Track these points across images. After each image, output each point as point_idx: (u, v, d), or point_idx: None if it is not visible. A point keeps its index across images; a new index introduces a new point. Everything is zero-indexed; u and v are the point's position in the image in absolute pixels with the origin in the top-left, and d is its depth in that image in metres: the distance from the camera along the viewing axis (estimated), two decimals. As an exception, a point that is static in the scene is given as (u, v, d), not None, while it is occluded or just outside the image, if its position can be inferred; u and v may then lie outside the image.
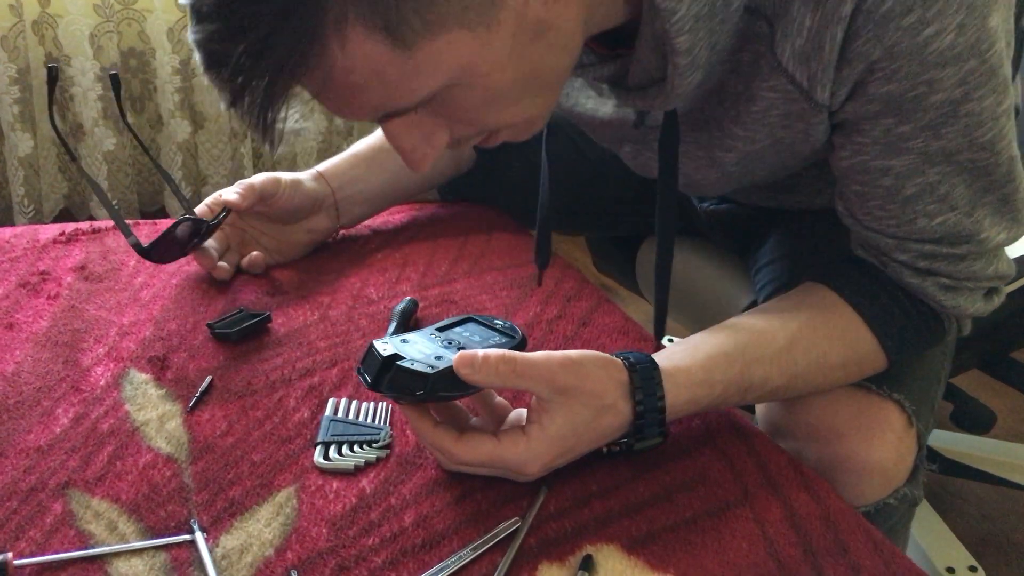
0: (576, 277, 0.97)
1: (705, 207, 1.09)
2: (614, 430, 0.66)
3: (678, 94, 0.64)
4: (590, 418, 0.64)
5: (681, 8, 0.57)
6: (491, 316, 0.75)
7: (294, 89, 0.55)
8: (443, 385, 0.63)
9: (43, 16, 1.95)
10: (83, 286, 0.89)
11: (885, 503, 0.77)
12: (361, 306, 0.89)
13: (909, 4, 0.57)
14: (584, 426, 0.64)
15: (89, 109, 2.03)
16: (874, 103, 0.63)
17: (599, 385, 0.64)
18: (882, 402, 0.77)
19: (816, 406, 0.77)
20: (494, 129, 0.63)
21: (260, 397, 0.75)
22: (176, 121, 2.13)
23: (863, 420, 0.76)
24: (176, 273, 0.92)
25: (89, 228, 0.99)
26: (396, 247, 1.01)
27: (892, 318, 0.74)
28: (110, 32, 1.98)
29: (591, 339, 0.86)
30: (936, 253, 0.71)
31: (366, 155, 1.01)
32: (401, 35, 0.51)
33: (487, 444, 0.64)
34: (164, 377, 0.77)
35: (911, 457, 0.78)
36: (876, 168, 0.67)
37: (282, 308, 0.88)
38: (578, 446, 0.65)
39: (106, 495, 0.64)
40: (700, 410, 0.71)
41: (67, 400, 0.73)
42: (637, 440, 0.67)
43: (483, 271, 0.97)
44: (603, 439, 0.66)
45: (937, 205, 0.68)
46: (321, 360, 0.80)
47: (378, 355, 0.63)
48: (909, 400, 0.77)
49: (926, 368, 0.82)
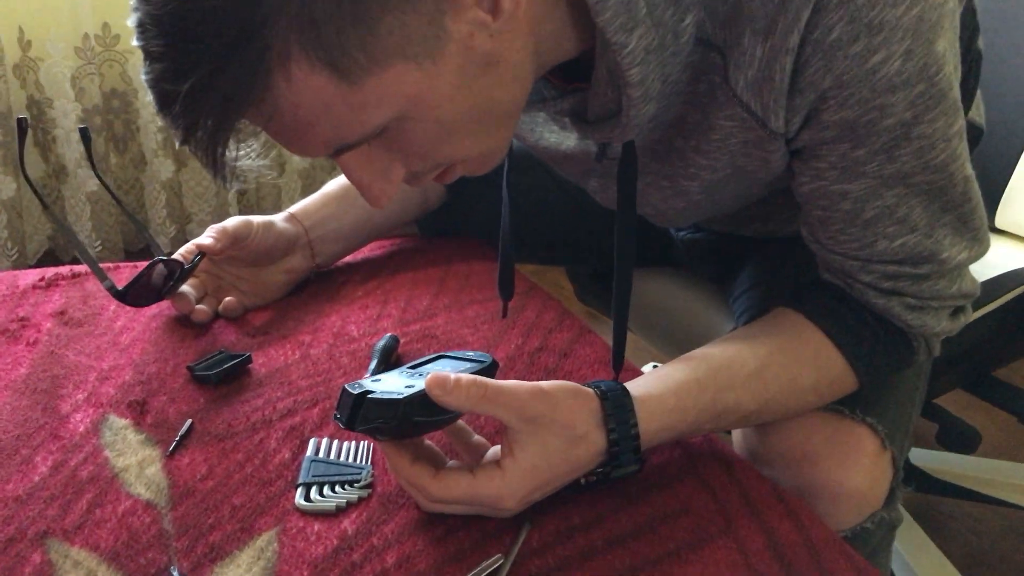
0: (557, 308, 0.97)
1: (682, 236, 1.10)
2: (589, 460, 0.66)
3: (634, 125, 0.65)
4: (564, 449, 0.64)
5: (631, 42, 0.58)
6: (464, 351, 0.75)
7: (249, 126, 0.56)
8: (415, 410, 0.63)
9: (24, 60, 1.96)
10: (63, 331, 0.89)
11: (862, 527, 0.77)
12: (342, 344, 0.89)
13: (855, 32, 0.58)
14: (558, 457, 0.64)
15: (72, 151, 2.03)
16: (829, 130, 0.64)
17: (570, 415, 0.64)
18: (855, 426, 0.77)
19: (789, 432, 0.78)
20: (448, 163, 0.64)
21: (241, 439, 0.75)
22: (159, 160, 2.13)
23: (836, 445, 0.76)
24: (156, 316, 0.92)
25: (69, 273, 0.99)
26: (377, 283, 1.01)
27: (861, 340, 0.74)
28: (92, 74, 1.99)
29: (572, 370, 0.86)
30: (899, 274, 0.71)
31: (337, 194, 1.01)
32: (346, 69, 0.52)
33: (463, 480, 0.64)
34: (144, 422, 0.76)
35: (886, 481, 0.78)
36: (835, 192, 0.68)
37: (263, 348, 0.88)
38: (554, 479, 0.65)
39: (85, 544, 0.64)
40: (675, 437, 0.72)
41: (46, 448, 0.73)
42: (613, 468, 0.67)
43: (464, 305, 0.97)
44: (579, 470, 0.66)
45: (896, 227, 0.69)
46: (302, 400, 0.80)
47: (349, 395, 0.64)
48: (882, 423, 0.78)
49: (900, 390, 0.83)
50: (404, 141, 0.59)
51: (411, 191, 1.05)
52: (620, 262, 0.76)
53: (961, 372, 1.17)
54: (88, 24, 1.95)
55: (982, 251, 0.73)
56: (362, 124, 0.56)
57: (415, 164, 0.62)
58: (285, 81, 0.52)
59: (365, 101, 0.54)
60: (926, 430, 1.32)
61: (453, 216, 1.12)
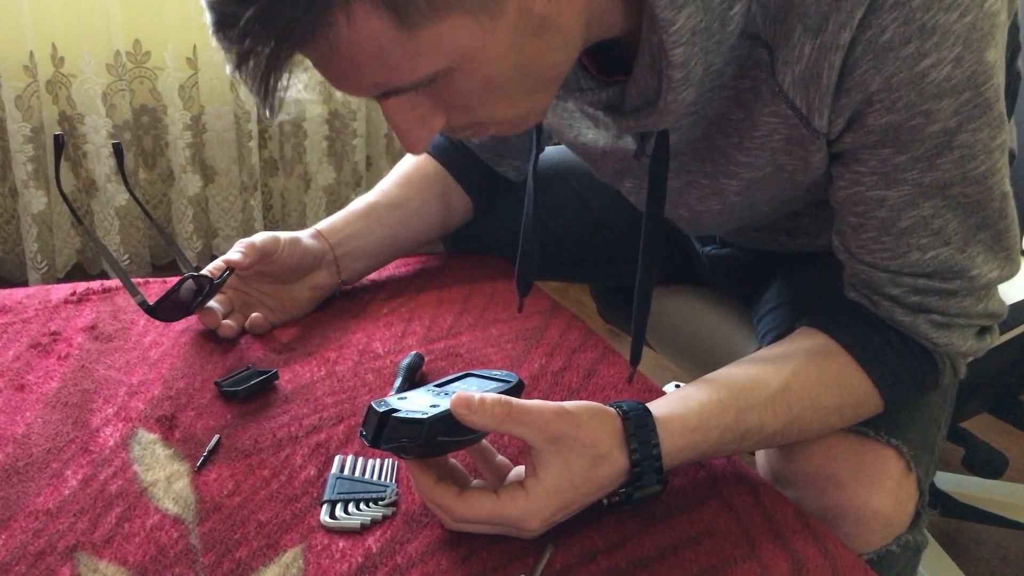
0: (581, 328, 0.97)
1: (708, 251, 1.10)
2: (612, 480, 0.66)
3: (671, 111, 0.65)
4: (587, 469, 0.64)
5: (679, 20, 0.59)
6: (491, 370, 0.76)
7: (300, 60, 0.56)
8: (440, 429, 0.63)
9: (57, 76, 2.00)
10: (93, 346, 0.90)
11: (888, 550, 0.77)
12: (367, 361, 0.90)
13: (908, 35, 0.58)
14: (581, 478, 0.64)
15: (102, 166, 2.07)
16: (872, 134, 0.64)
17: (593, 434, 0.65)
18: (880, 448, 0.77)
19: (814, 454, 0.77)
20: (486, 122, 0.65)
21: (267, 455, 0.76)
22: (187, 176, 2.16)
23: (861, 467, 0.76)
24: (185, 331, 0.93)
25: (100, 287, 1.00)
26: (402, 301, 1.02)
27: (886, 360, 0.74)
28: (123, 90, 2.02)
29: (596, 390, 0.86)
30: (928, 288, 0.71)
31: (363, 211, 1.02)
32: (406, 15, 0.53)
33: (487, 501, 0.64)
34: (172, 436, 0.77)
35: (911, 503, 0.77)
36: (872, 199, 0.68)
37: (289, 365, 0.89)
38: (577, 499, 0.65)
39: (114, 558, 0.65)
40: (698, 457, 0.71)
41: (76, 462, 0.74)
42: (636, 489, 0.67)
43: (488, 323, 0.98)
44: (601, 490, 0.67)
45: (931, 239, 0.69)
46: (328, 417, 0.81)
47: (375, 412, 0.64)
48: (907, 445, 0.77)
49: (925, 413, 0.82)
50: (449, 93, 0.60)
51: (437, 209, 1.06)
52: (646, 258, 0.76)
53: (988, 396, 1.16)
54: (120, 41, 1.98)
55: (1013, 271, 0.72)
56: (413, 71, 0.56)
57: (456, 118, 0.63)
58: (346, 19, 0.52)
59: (420, 49, 0.55)
60: (952, 454, 1.31)
61: (479, 233, 1.13)
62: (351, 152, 2.27)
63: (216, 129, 2.16)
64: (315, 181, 2.31)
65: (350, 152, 2.27)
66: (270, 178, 2.30)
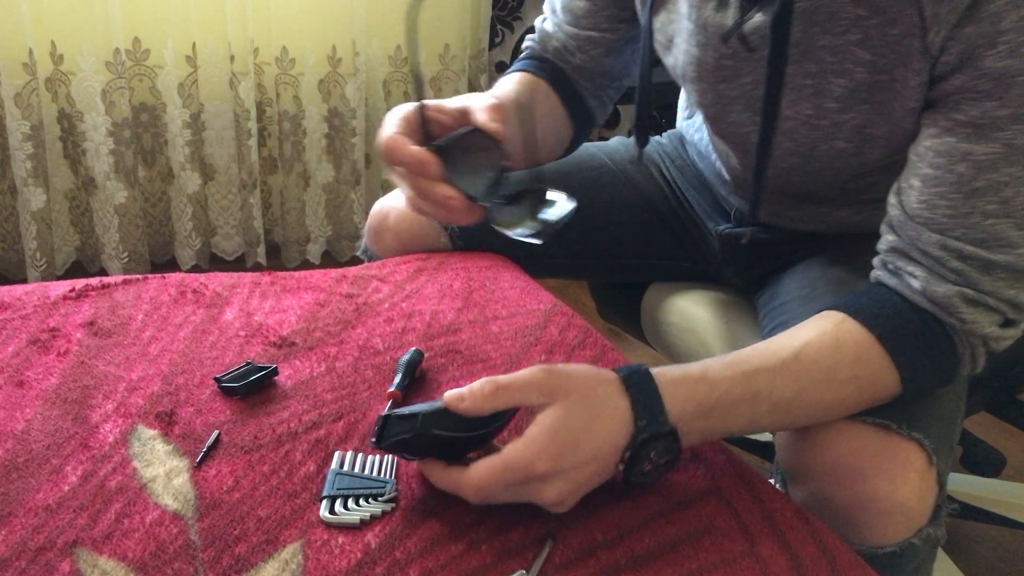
0: (580, 326, 0.97)
1: (722, 230, 1.10)
2: (615, 432, 0.66)
3: None
4: (587, 415, 0.65)
5: None
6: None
7: None
8: (435, 423, 0.65)
9: (56, 73, 2.00)
10: (92, 342, 0.90)
11: (910, 543, 0.76)
12: (367, 357, 0.90)
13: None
14: (580, 425, 0.65)
15: (101, 163, 2.07)
16: (984, 79, 0.64)
17: (588, 382, 0.66)
18: (903, 441, 0.76)
19: (837, 445, 0.77)
20: None
21: (267, 451, 0.76)
22: (186, 174, 2.16)
23: (885, 460, 0.75)
24: (183, 325, 0.93)
25: (99, 284, 1.00)
26: (403, 296, 1.02)
27: (906, 339, 0.74)
28: (122, 88, 2.02)
29: (596, 388, 0.86)
30: (973, 256, 0.72)
31: (510, 106, 0.97)
32: None
33: (492, 459, 0.65)
34: (171, 432, 0.77)
35: (932, 497, 0.77)
36: (958, 151, 0.69)
37: (288, 360, 0.89)
38: (582, 441, 0.65)
39: (113, 553, 0.65)
40: (706, 414, 0.69)
41: (75, 458, 0.74)
42: (645, 444, 0.66)
43: (488, 320, 0.98)
44: (608, 447, 0.66)
45: (997, 207, 0.69)
46: (327, 413, 0.81)
47: (380, 416, 0.67)
48: (929, 439, 0.77)
49: (943, 409, 0.82)
50: None
51: (561, 115, 1.06)
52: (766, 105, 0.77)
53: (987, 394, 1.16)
54: (119, 39, 1.98)
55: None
56: None
57: None
58: None
59: None
60: (951, 452, 1.31)
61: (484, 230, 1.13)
62: (350, 150, 2.27)
63: (215, 127, 2.16)
64: (314, 179, 2.31)
65: (349, 150, 2.27)
66: (269, 176, 2.30)
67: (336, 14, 2.14)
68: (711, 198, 1.14)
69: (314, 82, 2.19)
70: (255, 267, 2.29)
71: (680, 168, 1.19)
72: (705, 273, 1.18)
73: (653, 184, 1.18)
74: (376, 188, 2.39)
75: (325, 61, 2.18)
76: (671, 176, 1.19)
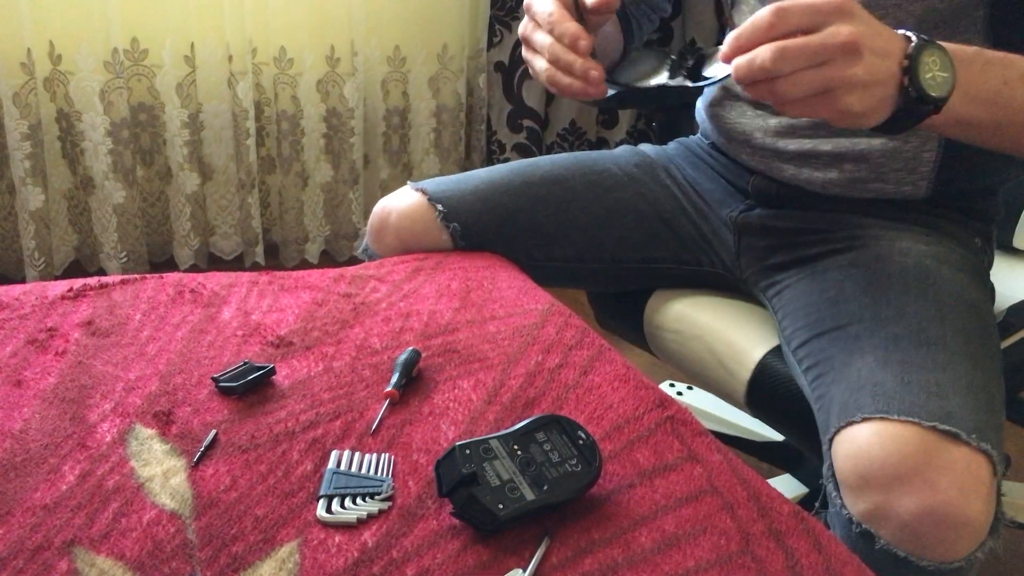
0: (578, 326, 0.97)
1: (736, 215, 1.11)
2: (895, 35, 0.73)
3: None
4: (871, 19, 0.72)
5: None
6: (572, 421, 0.76)
7: None
8: (511, 524, 0.67)
9: (54, 73, 2.00)
10: (90, 342, 0.90)
11: (976, 557, 0.75)
12: (364, 357, 0.90)
13: None
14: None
15: (99, 163, 2.07)
16: None
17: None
18: (972, 453, 0.74)
19: (906, 452, 0.74)
20: None
21: (264, 451, 0.76)
22: (185, 173, 2.16)
23: (956, 472, 0.73)
24: (181, 325, 0.93)
25: (97, 284, 1.00)
26: (400, 296, 1.02)
27: None
28: (120, 88, 2.02)
29: (593, 387, 0.87)
30: None
31: None
32: None
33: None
34: (169, 432, 0.78)
35: (994, 509, 0.76)
36: None
37: (286, 360, 0.89)
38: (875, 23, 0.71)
39: (111, 552, 0.65)
40: (970, 62, 0.76)
41: (73, 457, 0.74)
42: (923, 44, 0.73)
43: (486, 320, 0.98)
44: (894, 40, 0.73)
45: None
46: (325, 413, 0.81)
47: (458, 467, 0.68)
48: (995, 450, 0.75)
49: (999, 416, 0.81)
50: None
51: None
52: None
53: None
54: (117, 39, 1.98)
55: None
56: None
57: None
58: None
59: None
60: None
61: (484, 230, 1.14)
62: (349, 150, 2.27)
63: (214, 127, 2.16)
64: (312, 179, 2.31)
65: (348, 150, 2.27)
66: (267, 175, 2.30)
67: (334, 14, 2.14)
68: (724, 186, 1.15)
69: (312, 82, 2.19)
70: (253, 266, 2.29)
71: (693, 164, 1.19)
72: (713, 277, 1.17)
73: (660, 185, 1.18)
74: (374, 188, 2.39)
75: (323, 61, 2.18)
76: (681, 175, 1.19)
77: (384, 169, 2.39)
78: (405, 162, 2.41)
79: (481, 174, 1.19)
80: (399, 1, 2.22)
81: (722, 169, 1.15)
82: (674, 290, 1.20)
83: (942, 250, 0.97)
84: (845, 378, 0.84)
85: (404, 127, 2.37)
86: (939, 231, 1.00)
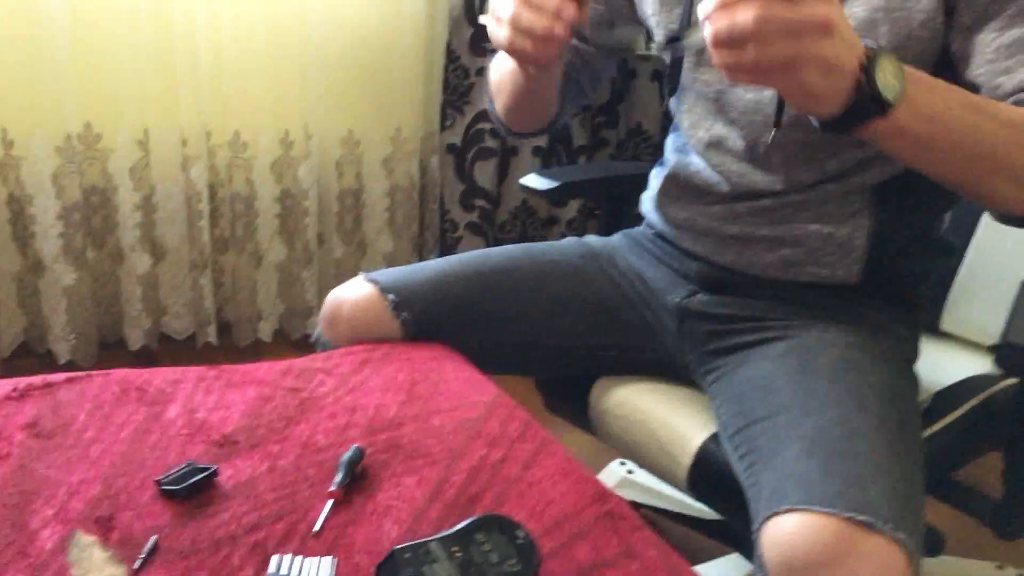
0: (521, 418, 0.99)
1: (680, 302, 1.14)
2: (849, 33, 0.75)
3: None
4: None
5: None
6: (511, 520, 0.77)
7: None
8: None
9: (6, 158, 2.00)
10: (34, 444, 0.90)
11: None
12: (309, 455, 0.91)
13: None
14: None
15: (50, 246, 2.06)
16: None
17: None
18: (889, 544, 0.77)
19: (822, 542, 0.77)
20: None
21: (204, 556, 0.76)
22: (136, 255, 2.16)
23: (874, 563, 0.76)
24: (125, 425, 0.94)
25: (41, 383, 1.00)
26: (347, 391, 1.03)
27: None
28: (72, 172, 2.03)
29: (535, 481, 0.88)
30: None
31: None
32: None
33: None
34: (110, 538, 0.78)
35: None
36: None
37: (231, 459, 0.89)
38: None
39: (47, 668, 0.64)
40: (918, 80, 0.80)
41: (14, 566, 0.74)
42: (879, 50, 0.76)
43: (431, 414, 0.99)
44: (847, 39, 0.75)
45: None
46: (267, 514, 0.82)
47: (397, 572, 0.70)
48: (912, 538, 0.78)
49: (917, 504, 0.84)
50: None
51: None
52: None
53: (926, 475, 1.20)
54: (71, 125, 2.00)
55: None
56: None
57: None
58: None
59: None
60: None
61: (435, 319, 1.16)
62: (303, 230, 2.29)
63: (167, 208, 2.17)
64: (266, 258, 2.32)
65: (302, 230, 2.29)
66: (221, 255, 2.31)
67: (290, 98, 2.18)
68: (669, 273, 1.18)
69: (267, 164, 2.22)
70: (206, 347, 2.28)
71: (638, 253, 1.23)
72: (656, 363, 1.20)
73: (603, 276, 1.22)
74: (329, 266, 2.41)
75: (278, 144, 2.21)
76: (626, 264, 1.23)
77: (338, 248, 2.41)
78: (359, 240, 2.44)
79: (433, 265, 1.22)
80: (354, 85, 2.27)
81: (667, 257, 1.19)
82: (619, 376, 1.23)
83: (868, 341, 1.01)
84: (773, 467, 0.87)
85: (358, 207, 2.40)
86: (867, 322, 1.05)
